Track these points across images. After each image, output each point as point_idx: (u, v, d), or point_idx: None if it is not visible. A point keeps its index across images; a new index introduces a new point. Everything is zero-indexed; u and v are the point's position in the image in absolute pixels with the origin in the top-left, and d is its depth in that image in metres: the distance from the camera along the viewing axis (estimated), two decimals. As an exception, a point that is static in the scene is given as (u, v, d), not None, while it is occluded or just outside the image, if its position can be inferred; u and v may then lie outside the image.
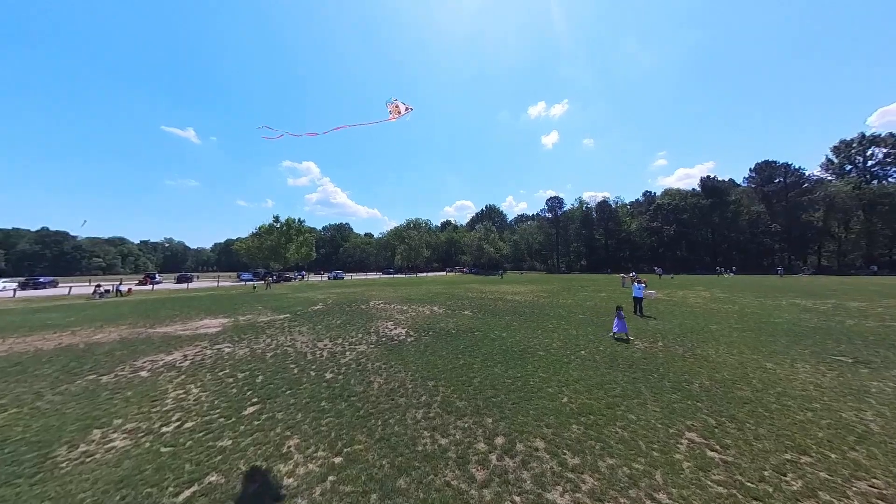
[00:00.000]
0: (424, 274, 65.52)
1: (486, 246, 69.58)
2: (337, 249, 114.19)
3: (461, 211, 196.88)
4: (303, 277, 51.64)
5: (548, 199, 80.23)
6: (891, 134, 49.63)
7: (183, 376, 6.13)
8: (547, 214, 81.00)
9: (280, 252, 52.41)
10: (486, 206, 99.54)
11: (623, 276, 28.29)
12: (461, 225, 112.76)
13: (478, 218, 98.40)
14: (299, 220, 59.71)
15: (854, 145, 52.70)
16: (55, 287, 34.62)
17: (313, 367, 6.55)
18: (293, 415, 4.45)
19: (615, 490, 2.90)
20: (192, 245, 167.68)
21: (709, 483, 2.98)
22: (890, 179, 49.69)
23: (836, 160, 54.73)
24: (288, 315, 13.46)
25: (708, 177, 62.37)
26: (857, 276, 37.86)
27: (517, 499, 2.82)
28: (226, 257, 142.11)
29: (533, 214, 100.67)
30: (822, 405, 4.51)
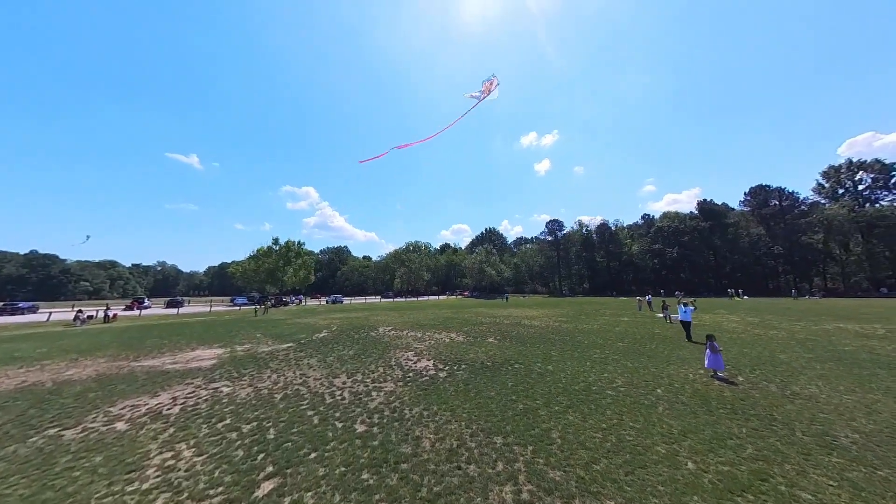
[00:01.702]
0: (425, 297, 63.63)
1: (488, 269, 68.58)
2: (334, 273, 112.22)
3: (458, 234, 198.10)
4: (300, 301, 49.60)
5: (547, 223, 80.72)
6: (876, 160, 51.67)
7: (172, 429, 4.77)
8: (547, 237, 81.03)
9: (277, 275, 50.76)
10: (485, 229, 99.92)
11: (639, 300, 27.13)
12: (460, 248, 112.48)
13: (477, 241, 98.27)
14: (299, 242, 58.75)
15: (843, 170, 54.57)
16: (34, 313, 32.32)
17: (336, 414, 5.23)
18: (328, 496, 3.16)
19: None
20: (185, 269, 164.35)
21: None
22: (882, 202, 50.90)
23: (826, 185, 56.35)
24: (292, 344, 12.02)
25: (705, 200, 63.60)
26: (868, 299, 37.13)
27: None
28: (219, 281, 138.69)
29: (532, 237, 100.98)
30: None
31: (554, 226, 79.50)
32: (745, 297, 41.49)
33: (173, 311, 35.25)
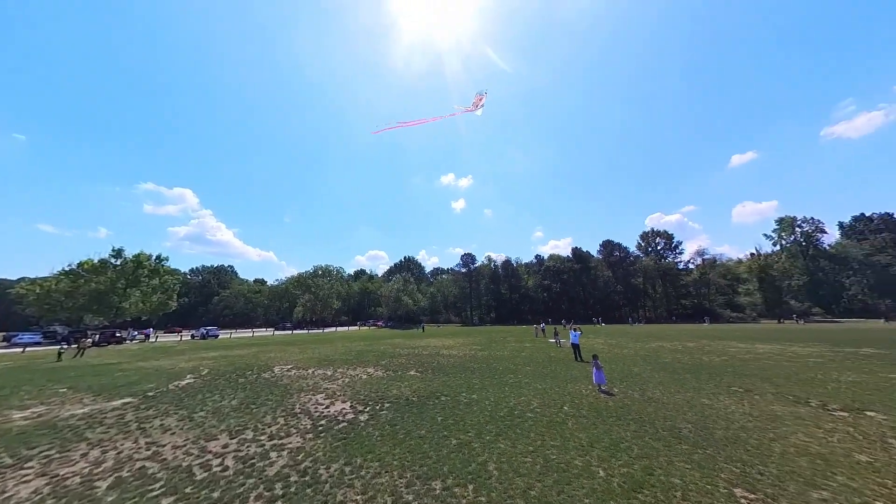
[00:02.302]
0: (333, 329, 56.72)
1: (405, 297, 67.45)
2: (209, 299, 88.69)
3: (374, 261, 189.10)
4: (147, 337, 36.37)
5: (462, 256, 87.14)
6: (665, 231, 78.77)
7: None
8: (462, 269, 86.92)
9: (111, 300, 36.41)
10: (404, 258, 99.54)
11: (535, 327, 31.37)
12: (376, 275, 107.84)
13: (395, 269, 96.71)
14: (158, 256, 44.77)
15: (649, 236, 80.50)
16: None
17: (214, 493, 3.79)
18: None
19: None
20: None
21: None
22: (668, 259, 76.77)
23: (642, 244, 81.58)
24: (130, 399, 8.46)
25: (577, 248, 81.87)
26: (667, 324, 53.62)
27: None
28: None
29: (448, 268, 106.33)
30: (775, 434, 5.30)
31: (468, 259, 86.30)
32: (603, 324, 53.56)
33: None
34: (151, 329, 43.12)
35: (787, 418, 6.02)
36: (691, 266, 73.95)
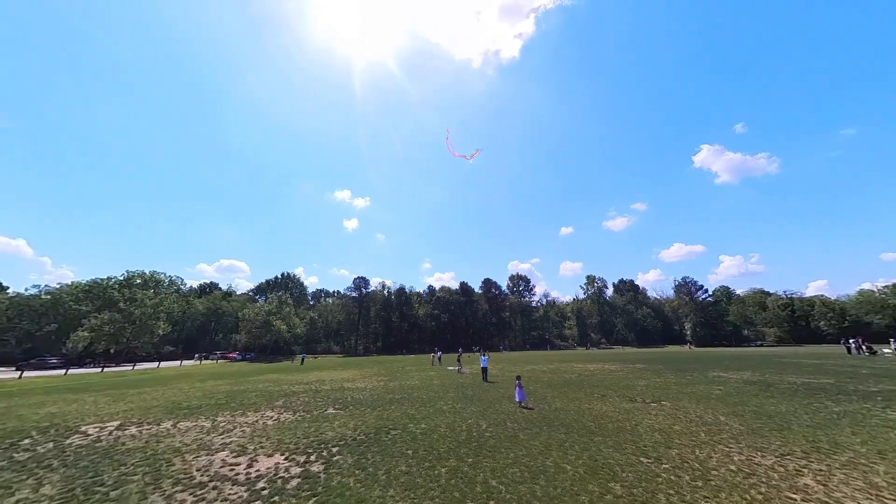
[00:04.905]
0: (154, 365, 39.56)
1: (278, 322, 55.83)
2: None
3: (227, 272, 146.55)
4: None
5: (355, 279, 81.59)
6: (525, 276, 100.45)
7: None
8: (353, 293, 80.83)
9: None
10: (282, 274, 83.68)
11: (433, 356, 32.52)
12: (234, 291, 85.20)
13: (268, 286, 79.77)
14: None
15: (514, 279, 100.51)
16: None
17: None
18: None
19: None
20: None
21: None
22: (525, 299, 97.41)
23: (510, 284, 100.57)
24: None
25: (464, 282, 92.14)
26: (525, 351, 66.39)
27: None
28: None
29: (333, 291, 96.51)
30: (636, 421, 7.98)
31: (360, 283, 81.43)
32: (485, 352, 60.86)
33: None
34: None
35: (634, 411, 9.16)
36: (539, 305, 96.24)
